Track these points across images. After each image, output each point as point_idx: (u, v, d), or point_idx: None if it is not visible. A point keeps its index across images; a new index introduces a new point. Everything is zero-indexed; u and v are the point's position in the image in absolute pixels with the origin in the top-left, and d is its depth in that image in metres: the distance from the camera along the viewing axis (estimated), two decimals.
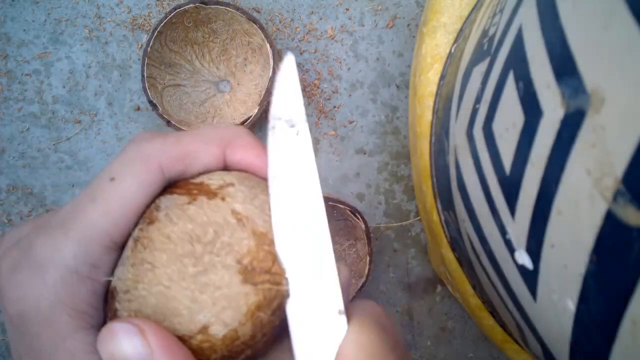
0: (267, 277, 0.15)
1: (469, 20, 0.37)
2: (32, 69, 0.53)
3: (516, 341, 0.36)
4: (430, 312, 0.53)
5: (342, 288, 0.16)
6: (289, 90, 0.16)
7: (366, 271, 0.46)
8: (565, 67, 0.17)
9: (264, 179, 0.17)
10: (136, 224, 0.15)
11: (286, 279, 0.15)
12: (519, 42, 0.20)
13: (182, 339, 0.14)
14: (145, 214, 0.16)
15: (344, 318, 0.15)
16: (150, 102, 0.45)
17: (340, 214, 0.49)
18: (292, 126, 0.16)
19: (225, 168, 0.17)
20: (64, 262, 0.14)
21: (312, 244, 0.15)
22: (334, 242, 0.51)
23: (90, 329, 0.14)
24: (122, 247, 0.16)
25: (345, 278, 0.16)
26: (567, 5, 0.17)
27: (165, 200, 0.16)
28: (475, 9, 0.37)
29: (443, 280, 0.50)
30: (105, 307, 0.15)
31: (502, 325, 0.36)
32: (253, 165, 0.17)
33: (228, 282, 0.14)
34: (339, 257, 0.51)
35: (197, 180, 0.16)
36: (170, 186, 0.16)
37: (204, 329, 0.14)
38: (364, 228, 0.45)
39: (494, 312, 0.35)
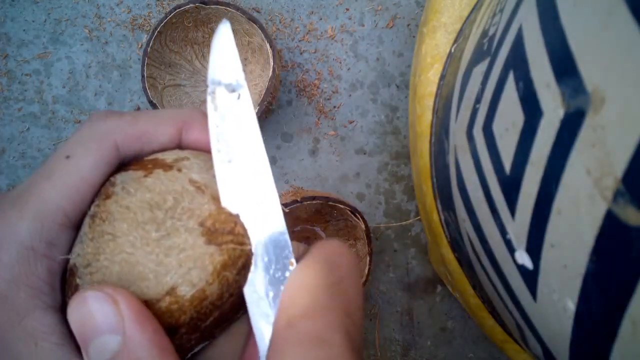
0: (230, 237, 0.15)
1: (469, 20, 0.37)
2: (32, 69, 0.53)
3: (516, 341, 0.36)
4: (430, 312, 0.53)
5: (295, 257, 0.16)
6: (227, 54, 0.16)
7: (366, 271, 0.46)
8: (565, 67, 0.17)
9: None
10: (91, 202, 0.15)
11: (249, 238, 0.15)
12: (519, 42, 0.20)
13: (151, 302, 0.14)
14: (101, 190, 0.16)
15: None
16: (150, 102, 0.45)
17: (340, 214, 0.49)
18: (233, 91, 0.16)
19: (180, 147, 0.17)
20: (19, 239, 0.14)
21: (260, 207, 0.15)
22: None
23: (47, 308, 0.14)
24: (77, 226, 0.15)
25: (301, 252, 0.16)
26: (567, 5, 0.17)
27: (120, 177, 0.16)
28: (475, 9, 0.37)
29: (443, 280, 0.50)
30: (64, 287, 0.15)
31: (502, 325, 0.36)
32: (207, 146, 0.17)
33: (192, 244, 0.14)
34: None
35: (151, 157, 0.16)
36: (124, 165, 0.16)
37: (172, 290, 0.14)
38: (364, 228, 0.45)
39: (494, 312, 0.35)
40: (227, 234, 0.15)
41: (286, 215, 0.16)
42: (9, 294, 0.14)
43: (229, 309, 0.15)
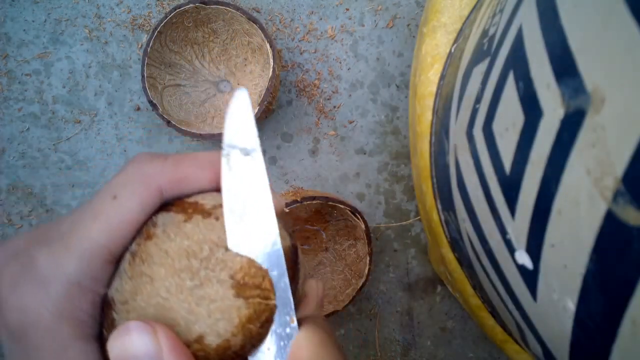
0: (257, 292, 0.16)
1: (469, 20, 0.37)
2: (32, 69, 0.53)
3: (516, 341, 0.36)
4: (430, 312, 0.53)
5: (318, 299, 0.18)
6: (243, 119, 0.17)
7: (366, 271, 0.46)
8: (565, 67, 0.16)
9: None
10: (133, 239, 0.16)
11: (274, 293, 0.16)
12: (519, 42, 0.20)
13: None
14: (143, 229, 0.16)
15: (296, 327, 0.16)
16: (150, 102, 0.45)
17: (340, 214, 0.49)
18: (247, 155, 0.17)
19: (218, 190, 0.18)
20: (66, 275, 0.15)
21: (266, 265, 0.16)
22: (334, 242, 0.51)
23: (89, 338, 0.15)
24: (118, 260, 0.16)
25: (320, 290, 0.18)
26: (567, 5, 0.17)
27: (162, 218, 0.17)
28: (475, 9, 0.37)
29: (443, 280, 0.50)
30: (101, 317, 0.16)
31: (502, 325, 0.36)
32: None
33: (222, 296, 0.15)
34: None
35: (192, 200, 0.17)
36: (166, 204, 0.17)
37: (200, 339, 0.15)
38: (364, 228, 0.45)
39: (494, 312, 0.35)
40: (255, 288, 0.16)
41: (291, 277, 0.17)
42: (54, 327, 0.15)
43: (248, 355, 0.16)
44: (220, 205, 0.17)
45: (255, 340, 0.16)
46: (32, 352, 0.15)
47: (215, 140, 0.52)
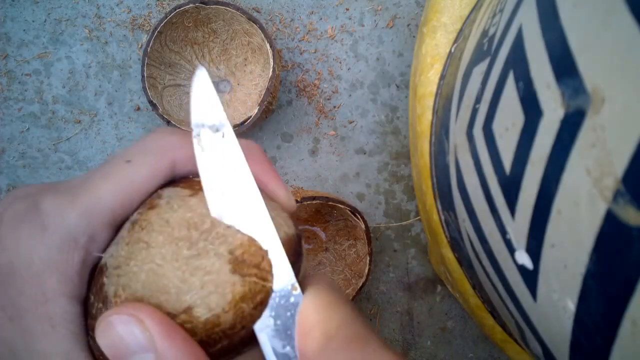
0: (255, 271, 0.15)
1: (469, 20, 0.37)
2: (32, 69, 0.53)
3: (516, 341, 0.36)
4: (430, 312, 0.53)
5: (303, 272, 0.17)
6: (206, 96, 0.17)
7: (366, 271, 0.46)
8: (565, 67, 0.16)
9: (265, 192, 0.18)
10: (136, 209, 0.16)
11: (272, 276, 0.16)
12: (519, 42, 0.20)
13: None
14: (147, 200, 0.16)
15: (299, 292, 0.15)
16: (150, 102, 0.45)
17: (340, 214, 0.49)
18: (217, 131, 0.17)
19: None
20: (66, 227, 0.15)
21: (255, 233, 0.16)
22: (334, 242, 0.51)
23: (72, 298, 0.15)
24: (119, 227, 0.16)
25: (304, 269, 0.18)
26: (567, 5, 0.17)
27: (167, 191, 0.16)
28: (475, 9, 0.37)
29: (443, 280, 0.50)
30: (91, 281, 0.16)
31: (502, 325, 0.36)
32: (258, 178, 0.17)
33: (218, 269, 0.15)
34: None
35: (199, 178, 0.17)
36: (173, 181, 0.17)
37: (188, 309, 0.15)
38: (364, 228, 0.45)
39: (494, 312, 0.35)
40: (253, 267, 0.15)
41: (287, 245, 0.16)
42: (42, 275, 0.14)
43: (237, 341, 0.16)
44: None
45: (246, 320, 0.15)
46: (13, 295, 0.14)
47: None
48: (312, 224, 0.51)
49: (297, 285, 0.16)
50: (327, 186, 0.53)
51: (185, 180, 0.17)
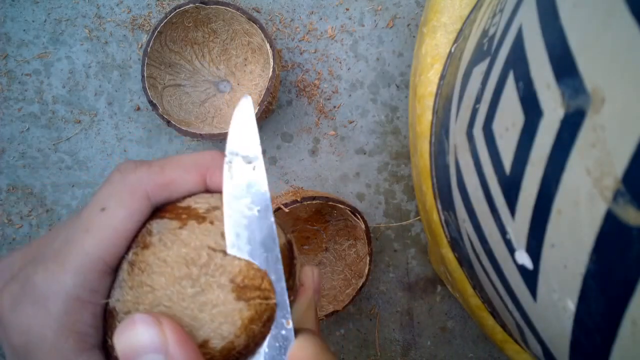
0: (257, 293, 0.16)
1: (469, 20, 0.37)
2: (32, 69, 0.53)
3: (516, 341, 0.36)
4: (430, 312, 0.53)
5: (315, 285, 0.19)
6: (246, 126, 0.17)
7: (366, 271, 0.46)
8: (565, 67, 0.16)
9: None
10: (129, 248, 0.17)
11: (274, 292, 0.16)
12: (519, 42, 0.20)
13: None
14: (138, 238, 0.17)
15: (291, 329, 0.16)
16: (150, 102, 0.45)
17: (340, 214, 0.49)
18: (249, 162, 0.17)
19: (207, 191, 0.19)
20: (65, 291, 0.15)
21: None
22: (334, 242, 0.51)
23: (92, 349, 0.16)
24: (115, 270, 0.17)
25: (316, 277, 0.19)
26: (567, 5, 0.17)
27: (156, 225, 0.17)
28: (475, 9, 0.37)
29: (443, 280, 0.50)
30: (105, 327, 0.16)
31: (502, 325, 0.36)
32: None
33: (224, 300, 0.16)
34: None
35: (184, 204, 0.17)
36: (159, 210, 0.18)
37: (205, 343, 0.15)
38: (364, 228, 0.45)
39: (494, 312, 0.35)
40: (255, 290, 0.16)
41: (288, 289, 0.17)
42: (58, 343, 0.15)
43: (252, 353, 0.17)
44: (214, 208, 0.17)
45: (257, 338, 0.16)
46: None
47: (215, 140, 0.52)
48: (312, 224, 0.51)
49: (290, 320, 0.16)
50: (327, 186, 0.53)
51: (170, 208, 0.17)
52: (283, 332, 0.16)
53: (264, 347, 0.16)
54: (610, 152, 0.14)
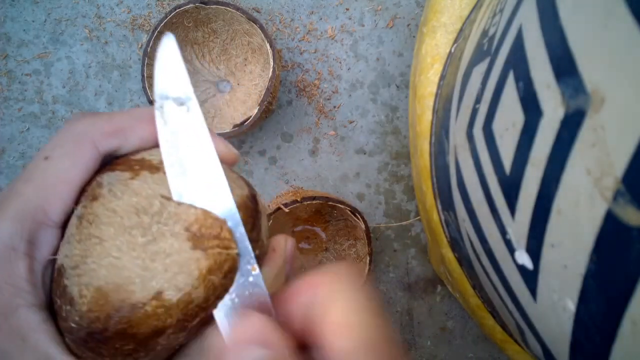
0: (216, 242, 0.15)
1: (469, 20, 0.37)
2: (32, 69, 0.53)
3: (516, 341, 0.36)
4: (430, 312, 0.53)
5: (286, 253, 0.17)
6: (172, 67, 0.16)
7: (366, 271, 0.46)
8: (565, 67, 0.16)
9: None
10: (78, 202, 0.16)
11: (235, 242, 0.15)
12: (519, 42, 0.20)
13: (137, 306, 0.14)
14: (87, 191, 0.16)
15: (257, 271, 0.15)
16: (151, 102, 0.45)
17: (340, 214, 0.49)
18: (181, 104, 0.16)
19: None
20: (0, 239, 0.14)
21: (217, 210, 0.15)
22: (334, 242, 0.51)
23: (31, 306, 0.15)
24: (63, 226, 0.16)
25: (289, 246, 0.17)
26: (567, 5, 0.17)
27: (107, 177, 0.16)
28: (475, 9, 0.37)
29: (443, 280, 0.50)
30: (51, 286, 0.16)
31: (502, 325, 0.36)
32: None
33: (178, 249, 0.15)
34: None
35: (138, 156, 0.16)
36: (111, 163, 0.17)
37: (158, 295, 0.14)
38: (364, 228, 0.45)
39: (494, 312, 0.35)
40: (213, 239, 0.15)
41: (252, 225, 0.16)
42: None
43: (213, 309, 0.15)
44: None
45: (219, 291, 0.15)
46: None
47: None
48: (312, 224, 0.51)
49: (255, 265, 0.15)
50: (327, 186, 0.53)
51: (122, 161, 0.16)
52: (250, 278, 0.15)
53: (233, 297, 0.15)
54: (610, 152, 0.14)
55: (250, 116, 0.44)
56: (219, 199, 0.15)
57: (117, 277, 0.14)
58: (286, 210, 0.42)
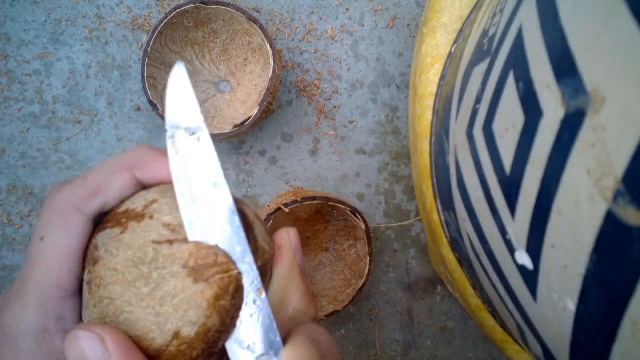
0: (214, 269, 0.16)
1: (469, 20, 0.37)
2: (32, 69, 0.53)
3: (516, 341, 0.36)
4: (430, 312, 0.53)
5: (293, 246, 0.18)
6: (184, 97, 0.16)
7: (366, 271, 0.46)
8: (565, 67, 0.16)
9: None
10: (84, 268, 0.17)
11: (234, 262, 0.16)
12: (519, 42, 0.20)
13: (161, 350, 0.15)
14: (88, 255, 0.17)
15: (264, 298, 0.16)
16: (150, 102, 0.45)
17: (340, 214, 0.49)
18: (192, 134, 0.16)
19: (145, 187, 0.18)
20: (30, 326, 0.16)
21: (227, 241, 0.16)
22: (334, 242, 0.51)
23: None
24: (78, 291, 0.17)
25: (293, 237, 0.18)
26: (567, 5, 0.17)
27: (100, 237, 0.17)
28: (475, 9, 0.37)
29: (443, 280, 0.50)
30: None
31: (502, 326, 0.36)
32: (164, 176, 0.18)
33: (181, 288, 0.15)
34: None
35: (122, 208, 0.17)
36: (102, 222, 0.18)
37: (176, 334, 0.15)
38: (364, 228, 0.45)
39: (494, 312, 0.35)
40: (211, 267, 0.16)
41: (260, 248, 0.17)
42: None
43: (233, 328, 0.16)
44: (151, 202, 0.17)
45: (232, 312, 0.16)
46: None
47: (215, 140, 0.52)
48: (312, 224, 0.51)
49: (262, 289, 0.16)
50: (327, 186, 0.53)
51: (110, 217, 0.17)
52: (258, 302, 0.16)
53: (238, 321, 0.16)
54: (610, 152, 0.14)
55: (250, 116, 0.44)
56: (227, 224, 0.16)
57: (135, 330, 0.15)
58: (286, 210, 0.42)
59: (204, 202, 0.16)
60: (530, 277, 0.20)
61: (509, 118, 0.21)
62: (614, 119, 0.14)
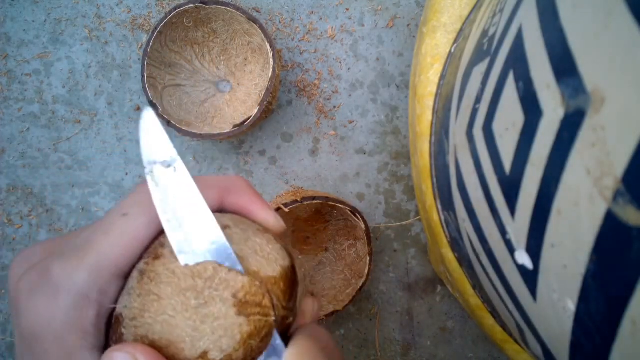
0: (258, 309, 0.17)
1: (469, 20, 0.37)
2: (32, 69, 0.53)
3: (516, 341, 0.36)
4: (430, 312, 0.53)
5: (313, 317, 0.19)
6: (156, 136, 0.18)
7: (366, 271, 0.46)
8: (565, 67, 0.16)
9: (255, 222, 0.19)
10: (141, 257, 0.17)
11: (274, 310, 0.17)
12: (519, 42, 0.20)
13: None
14: (151, 249, 0.17)
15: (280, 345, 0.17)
16: (150, 102, 0.45)
17: (340, 214, 0.49)
18: (169, 166, 0.18)
19: (221, 210, 0.19)
20: (76, 287, 0.16)
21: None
22: (334, 242, 0.51)
23: (92, 349, 0.16)
24: (126, 276, 0.17)
25: (316, 309, 0.19)
26: (567, 5, 0.17)
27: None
28: (475, 9, 0.37)
29: (443, 280, 0.50)
30: (109, 331, 0.17)
31: (502, 326, 0.36)
32: (245, 209, 0.19)
33: (225, 314, 0.16)
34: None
35: None
36: None
37: (204, 354, 0.16)
38: (364, 228, 0.45)
39: (494, 312, 0.35)
40: (256, 306, 0.17)
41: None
42: (62, 335, 0.16)
43: None
44: (224, 227, 0.18)
45: (255, 353, 0.17)
46: (40, 356, 0.16)
47: (215, 141, 0.52)
48: (312, 224, 0.51)
49: (277, 336, 0.17)
50: (327, 186, 0.53)
51: None
52: (275, 342, 0.17)
53: None
54: (610, 152, 0.14)
55: (250, 116, 0.44)
56: (212, 241, 0.17)
57: (169, 334, 0.16)
58: (286, 210, 0.42)
59: (189, 227, 0.17)
60: (530, 277, 0.20)
61: (509, 118, 0.21)
62: (614, 119, 0.14)
